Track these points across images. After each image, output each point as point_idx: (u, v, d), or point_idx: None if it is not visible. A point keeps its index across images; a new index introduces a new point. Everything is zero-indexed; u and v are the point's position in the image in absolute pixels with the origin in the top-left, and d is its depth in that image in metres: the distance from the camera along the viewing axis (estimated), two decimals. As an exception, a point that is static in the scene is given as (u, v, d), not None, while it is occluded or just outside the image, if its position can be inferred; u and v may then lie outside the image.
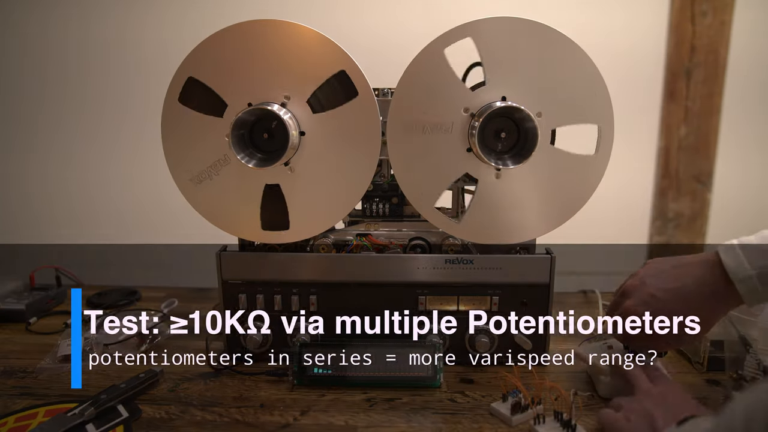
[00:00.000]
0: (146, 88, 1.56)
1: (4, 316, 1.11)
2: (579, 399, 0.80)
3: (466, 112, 0.82)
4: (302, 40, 0.81)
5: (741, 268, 0.69)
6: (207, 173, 0.85)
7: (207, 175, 0.86)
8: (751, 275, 0.69)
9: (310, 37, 0.81)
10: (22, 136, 1.65)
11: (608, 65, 0.86)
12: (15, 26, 1.58)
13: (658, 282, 0.76)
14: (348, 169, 0.85)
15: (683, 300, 0.74)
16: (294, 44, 0.81)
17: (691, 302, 0.74)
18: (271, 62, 0.82)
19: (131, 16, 1.56)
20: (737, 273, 0.70)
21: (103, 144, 1.63)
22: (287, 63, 0.82)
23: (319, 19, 1.22)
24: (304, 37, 0.81)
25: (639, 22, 1.52)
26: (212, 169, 0.85)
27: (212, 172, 0.85)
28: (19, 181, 1.69)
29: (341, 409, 0.79)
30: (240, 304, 0.91)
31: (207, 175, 0.86)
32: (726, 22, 1.52)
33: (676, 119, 1.57)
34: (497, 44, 0.81)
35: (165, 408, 0.80)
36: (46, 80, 1.61)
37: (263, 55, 0.82)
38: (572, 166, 0.85)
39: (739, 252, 0.70)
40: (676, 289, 0.75)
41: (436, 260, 0.88)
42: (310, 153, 0.84)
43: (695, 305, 0.74)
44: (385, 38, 1.49)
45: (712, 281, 0.72)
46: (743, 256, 0.69)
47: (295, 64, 0.81)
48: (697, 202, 1.63)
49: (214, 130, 0.83)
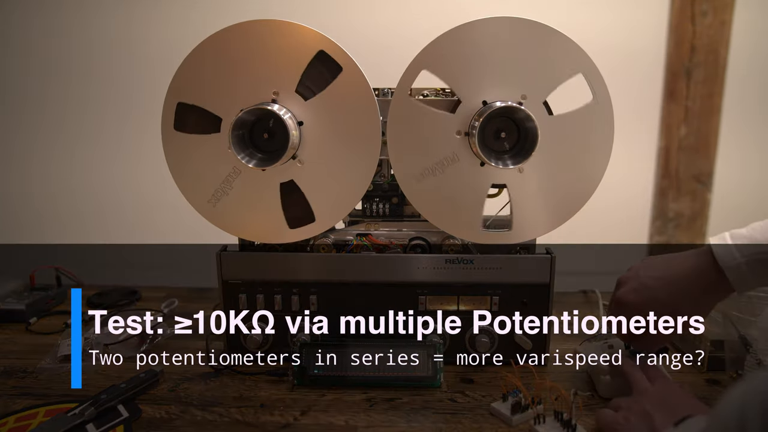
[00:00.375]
0: (146, 88, 1.56)
1: (5, 316, 1.11)
2: (579, 399, 0.80)
3: (459, 134, 0.83)
4: (275, 34, 0.81)
5: (730, 256, 0.71)
6: (222, 190, 0.86)
7: (222, 192, 0.86)
8: (740, 263, 0.70)
9: (281, 29, 0.81)
10: (23, 136, 1.65)
11: (608, 65, 0.86)
12: (16, 26, 1.58)
13: (649, 271, 0.78)
14: (353, 144, 0.85)
15: (673, 287, 0.76)
16: (268, 41, 0.81)
17: (680, 289, 0.75)
18: (251, 64, 0.82)
19: (135, 14, 1.56)
20: (726, 261, 0.71)
21: (104, 144, 1.63)
22: (267, 61, 0.82)
23: (319, 19, 1.21)
24: (276, 32, 0.81)
25: (639, 22, 1.52)
26: (225, 185, 0.86)
27: (226, 187, 0.86)
28: (20, 181, 1.69)
29: (341, 409, 0.79)
30: (240, 304, 0.91)
31: (222, 192, 0.86)
32: (726, 22, 1.52)
33: (676, 119, 1.57)
34: (452, 63, 0.82)
35: (165, 408, 0.80)
36: (46, 80, 1.61)
37: (241, 59, 0.82)
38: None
39: (730, 241, 0.72)
40: (666, 276, 0.76)
41: (437, 260, 0.88)
42: (313, 140, 0.84)
43: (685, 293, 0.75)
44: (385, 38, 1.49)
45: (702, 269, 0.74)
46: (733, 245, 0.71)
47: (274, 59, 0.82)
48: (697, 202, 1.63)
49: (216, 146, 0.84)
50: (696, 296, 0.75)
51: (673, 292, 0.76)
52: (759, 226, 0.72)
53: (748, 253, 0.70)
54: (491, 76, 0.82)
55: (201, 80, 0.83)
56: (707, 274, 0.73)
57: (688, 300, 0.75)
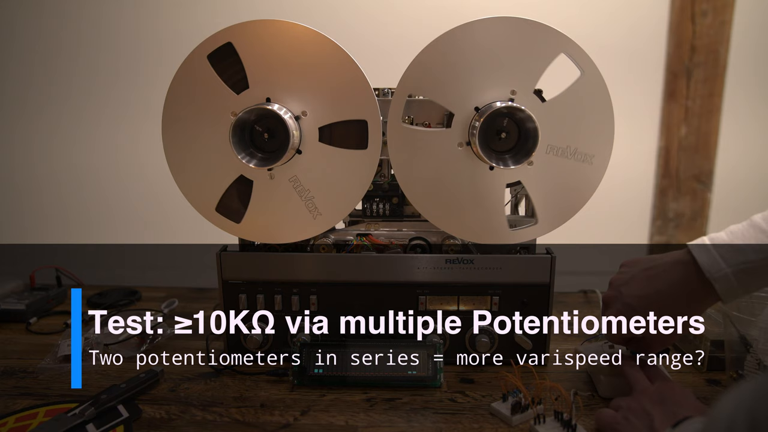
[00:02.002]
0: (146, 88, 1.56)
1: (5, 316, 1.11)
2: (579, 399, 0.80)
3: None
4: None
5: (717, 266, 0.69)
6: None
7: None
8: (728, 273, 0.68)
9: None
10: (23, 136, 1.65)
11: (608, 65, 0.86)
12: (13, 25, 1.58)
13: (631, 290, 0.76)
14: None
15: (658, 304, 0.74)
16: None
17: (666, 306, 0.74)
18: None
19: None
20: (713, 272, 0.69)
21: (104, 144, 1.63)
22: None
23: (320, 19, 1.21)
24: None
25: (639, 22, 1.52)
26: None
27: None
28: (19, 181, 1.68)
29: (341, 409, 0.79)
30: (240, 304, 0.91)
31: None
32: (726, 22, 1.52)
33: (677, 119, 1.57)
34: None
35: (165, 408, 0.80)
36: (47, 79, 1.61)
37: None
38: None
39: (713, 251, 0.69)
40: (650, 295, 0.74)
41: (437, 260, 0.88)
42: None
43: (670, 308, 0.74)
44: (386, 39, 1.49)
45: (687, 282, 0.71)
46: (717, 255, 0.69)
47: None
48: (698, 201, 1.63)
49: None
50: (681, 308, 0.74)
51: (659, 309, 0.74)
52: (739, 232, 0.70)
53: (734, 263, 0.68)
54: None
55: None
56: (693, 287, 0.71)
57: (674, 313, 0.74)
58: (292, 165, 0.85)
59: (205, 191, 0.87)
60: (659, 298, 0.74)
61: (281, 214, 0.87)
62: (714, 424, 0.40)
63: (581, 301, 1.22)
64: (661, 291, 0.73)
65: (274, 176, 0.85)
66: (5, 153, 1.66)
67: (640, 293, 0.75)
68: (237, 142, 0.82)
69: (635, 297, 0.75)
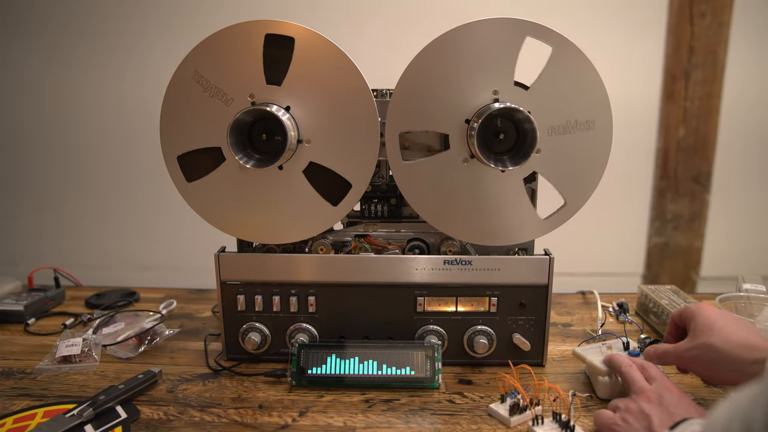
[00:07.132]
0: (145, 87, 1.56)
1: (3, 317, 1.11)
2: (577, 400, 0.80)
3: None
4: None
5: None
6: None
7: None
8: None
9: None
10: (24, 135, 1.65)
11: (607, 66, 0.86)
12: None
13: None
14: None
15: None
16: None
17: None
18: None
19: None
20: None
21: (104, 144, 1.63)
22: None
23: (320, 19, 1.21)
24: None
25: (638, 23, 1.52)
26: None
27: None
28: (19, 181, 1.69)
29: (340, 410, 0.79)
30: (238, 305, 0.91)
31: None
32: (724, 24, 1.52)
33: (675, 120, 1.57)
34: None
35: (164, 409, 0.80)
36: (46, 81, 1.61)
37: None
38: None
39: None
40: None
41: (435, 261, 0.88)
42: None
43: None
44: (386, 40, 1.49)
45: None
46: None
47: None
48: (696, 203, 1.63)
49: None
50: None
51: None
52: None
53: None
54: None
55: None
56: None
57: None
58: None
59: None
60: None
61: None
62: (711, 428, 0.40)
63: (579, 302, 1.22)
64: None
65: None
66: (5, 153, 1.67)
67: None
68: (235, 143, 0.82)
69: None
